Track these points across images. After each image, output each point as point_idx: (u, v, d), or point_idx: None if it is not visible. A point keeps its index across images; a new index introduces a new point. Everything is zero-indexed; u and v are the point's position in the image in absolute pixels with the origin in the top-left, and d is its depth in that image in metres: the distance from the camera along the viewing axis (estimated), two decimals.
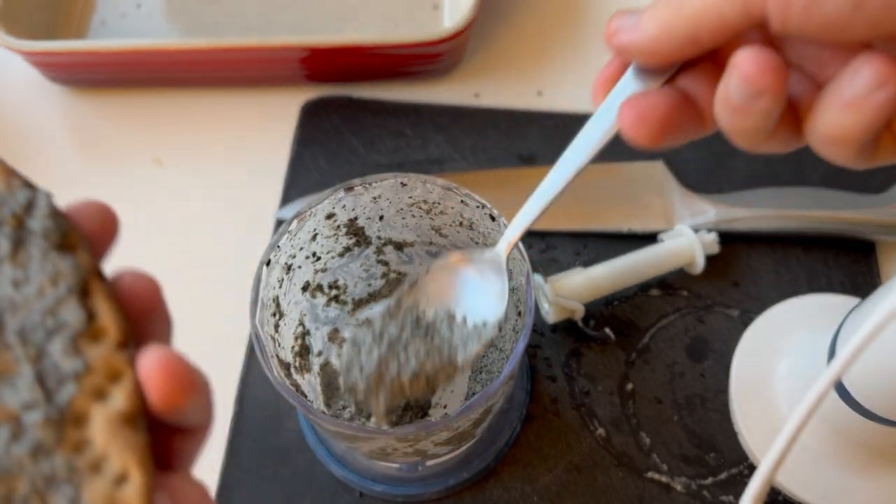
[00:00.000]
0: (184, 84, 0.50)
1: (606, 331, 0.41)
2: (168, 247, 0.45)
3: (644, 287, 0.43)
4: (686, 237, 0.41)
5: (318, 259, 0.36)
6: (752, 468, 0.38)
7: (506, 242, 0.30)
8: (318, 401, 0.38)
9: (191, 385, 0.18)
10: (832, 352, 0.34)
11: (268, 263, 0.32)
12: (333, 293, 0.38)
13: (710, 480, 0.38)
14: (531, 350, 0.41)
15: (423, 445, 0.32)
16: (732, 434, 0.39)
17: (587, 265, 0.41)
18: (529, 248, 0.44)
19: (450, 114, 0.48)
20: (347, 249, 0.37)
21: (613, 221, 0.44)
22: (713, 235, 0.42)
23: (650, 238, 0.43)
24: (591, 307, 0.41)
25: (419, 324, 0.30)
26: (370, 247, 0.37)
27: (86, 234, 0.19)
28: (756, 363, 0.40)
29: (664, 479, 0.38)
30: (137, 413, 0.18)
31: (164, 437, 0.19)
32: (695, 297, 0.42)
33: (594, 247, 0.44)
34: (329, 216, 0.34)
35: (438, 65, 0.49)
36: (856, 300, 0.39)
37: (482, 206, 0.32)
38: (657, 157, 0.46)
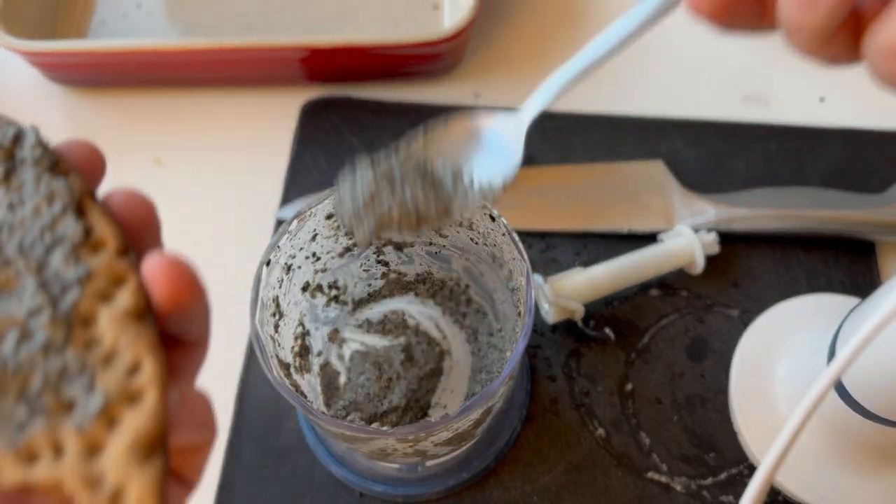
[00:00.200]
0: (184, 84, 0.50)
1: (606, 331, 0.41)
2: (168, 247, 0.45)
3: (644, 287, 0.43)
4: (686, 237, 0.41)
5: (318, 259, 0.36)
6: (752, 468, 0.38)
7: (533, 106, 0.28)
8: (318, 401, 0.38)
9: (194, 285, 0.18)
10: (832, 352, 0.34)
11: (268, 263, 0.32)
12: (333, 293, 0.38)
13: (710, 480, 0.38)
14: (531, 350, 0.41)
15: (423, 446, 0.32)
16: (732, 434, 0.39)
17: (587, 265, 0.41)
18: (529, 248, 0.44)
19: (450, 114, 0.48)
20: (347, 249, 0.37)
21: (613, 221, 0.44)
22: (713, 235, 0.42)
23: (650, 238, 0.43)
24: (591, 307, 0.41)
25: (424, 172, 0.29)
26: (370, 247, 0.37)
27: (75, 166, 0.20)
28: (756, 363, 0.40)
29: (664, 480, 0.38)
30: (144, 309, 0.18)
31: (167, 354, 0.19)
32: (695, 298, 0.42)
33: (594, 247, 0.44)
34: (329, 216, 0.34)
35: (438, 65, 0.49)
36: (856, 300, 0.39)
37: (482, 206, 0.32)
38: (657, 157, 0.46)
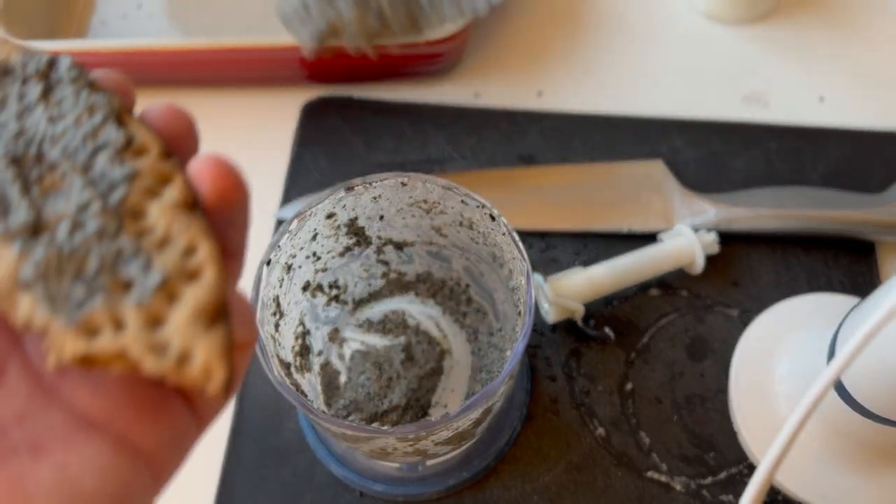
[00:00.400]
0: (184, 84, 0.50)
1: (606, 330, 0.41)
2: None
3: (644, 287, 0.43)
4: (686, 237, 0.42)
5: (319, 259, 0.36)
6: (752, 468, 0.38)
7: None
8: (319, 400, 0.38)
9: (239, 182, 0.19)
10: (832, 351, 0.34)
11: (268, 263, 0.32)
12: (334, 293, 0.38)
13: (710, 480, 0.38)
14: (531, 350, 0.41)
15: (424, 445, 0.32)
16: (732, 434, 0.39)
17: (587, 265, 0.41)
18: (529, 248, 0.44)
19: (450, 114, 0.48)
20: (348, 249, 0.37)
21: (613, 221, 0.44)
22: (713, 235, 0.42)
23: (650, 238, 0.43)
24: (591, 307, 0.41)
25: None
26: (370, 247, 0.37)
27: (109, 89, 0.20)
28: (756, 363, 0.40)
29: (664, 479, 0.38)
30: (193, 201, 0.18)
31: None
32: (694, 297, 0.42)
33: (594, 247, 0.44)
34: (329, 216, 0.34)
35: (438, 65, 0.49)
36: (855, 300, 0.39)
37: (482, 206, 0.32)
38: (657, 157, 0.46)
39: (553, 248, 0.44)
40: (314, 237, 0.34)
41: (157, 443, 0.19)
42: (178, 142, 0.20)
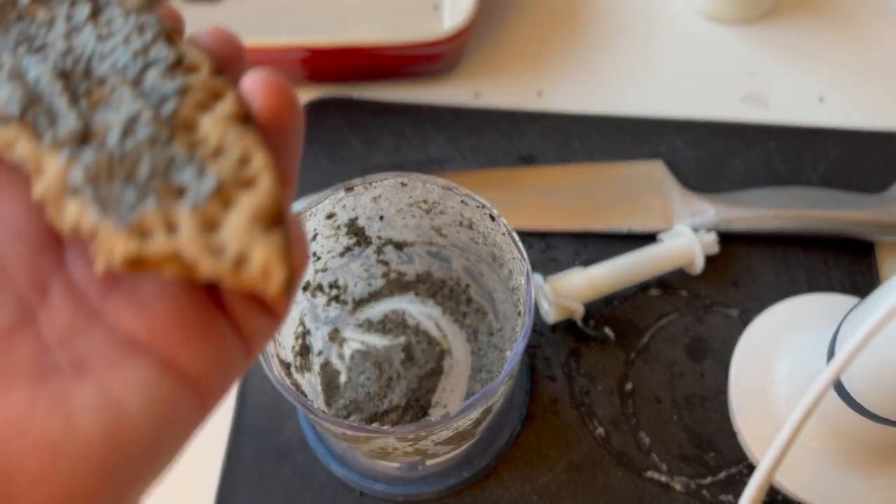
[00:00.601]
0: None
1: (606, 330, 0.42)
2: None
3: (644, 287, 0.43)
4: (685, 237, 0.42)
5: (319, 259, 0.36)
6: (752, 468, 0.38)
7: None
8: (319, 400, 0.38)
9: (293, 99, 0.18)
10: (831, 351, 0.34)
11: None
12: (334, 293, 0.38)
13: (710, 480, 0.38)
14: (531, 350, 0.41)
15: (424, 445, 0.32)
16: (731, 434, 0.39)
17: (587, 265, 0.41)
18: (529, 248, 0.44)
19: (450, 114, 0.48)
20: (348, 249, 0.37)
21: (613, 221, 0.44)
22: (713, 235, 0.42)
23: (650, 238, 0.43)
24: (591, 307, 0.41)
25: None
26: (370, 247, 0.37)
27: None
28: (755, 363, 0.40)
29: (663, 479, 0.38)
30: (247, 114, 0.18)
31: None
32: (694, 297, 0.43)
33: (594, 247, 0.44)
34: (329, 216, 0.34)
35: (438, 65, 0.49)
36: (855, 300, 0.39)
37: (482, 206, 0.32)
38: (657, 157, 0.46)
39: (553, 248, 0.44)
40: (314, 237, 0.34)
41: (204, 367, 0.18)
42: (228, 64, 0.20)
